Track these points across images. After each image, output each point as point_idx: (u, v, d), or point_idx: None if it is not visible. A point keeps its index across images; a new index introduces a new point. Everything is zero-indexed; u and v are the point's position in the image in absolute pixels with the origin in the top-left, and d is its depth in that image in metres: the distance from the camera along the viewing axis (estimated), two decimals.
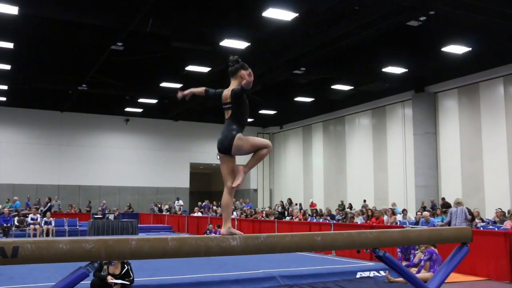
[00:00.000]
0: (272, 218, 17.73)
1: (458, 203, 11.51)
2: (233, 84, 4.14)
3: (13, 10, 12.84)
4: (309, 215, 17.98)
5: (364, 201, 20.86)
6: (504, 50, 16.28)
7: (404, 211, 16.21)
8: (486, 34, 15.10)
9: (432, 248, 8.35)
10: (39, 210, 20.47)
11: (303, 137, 27.76)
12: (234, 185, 4.02)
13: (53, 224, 18.18)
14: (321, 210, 19.44)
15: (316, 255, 11.92)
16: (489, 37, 15.32)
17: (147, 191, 28.09)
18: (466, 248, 4.81)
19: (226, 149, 4.08)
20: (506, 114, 16.98)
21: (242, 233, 3.89)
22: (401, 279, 7.75)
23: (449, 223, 11.26)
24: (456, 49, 15.59)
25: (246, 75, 3.90)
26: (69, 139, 26.44)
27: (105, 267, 6.46)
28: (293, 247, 4.05)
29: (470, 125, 18.26)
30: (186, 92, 4.38)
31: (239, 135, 4.04)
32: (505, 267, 8.81)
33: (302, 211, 19.15)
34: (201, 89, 4.37)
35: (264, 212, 19.92)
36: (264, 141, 4.15)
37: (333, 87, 20.63)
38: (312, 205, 22.26)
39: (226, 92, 4.13)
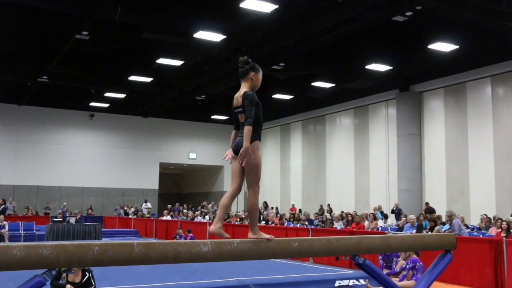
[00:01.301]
0: (246, 223, 17.73)
1: (454, 214, 11.85)
2: (244, 87, 4.20)
3: None
4: (286, 219, 18.04)
5: (328, 205, 21.10)
6: (492, 49, 16.60)
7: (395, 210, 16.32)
8: (474, 32, 15.37)
9: (415, 256, 8.46)
10: None
11: (281, 137, 27.85)
12: None
13: (6, 228, 17.82)
14: (298, 215, 19.53)
15: (292, 262, 11.97)
16: (477, 35, 15.60)
17: (112, 193, 27.80)
18: (449, 255, 4.88)
19: (238, 151, 4.05)
20: (493, 115, 17.31)
21: (229, 236, 3.89)
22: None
23: None
24: (443, 46, 15.82)
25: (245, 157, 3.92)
26: (27, 135, 25.96)
27: (64, 275, 6.36)
28: (268, 254, 4.05)
29: (456, 127, 18.57)
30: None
31: (254, 143, 4.03)
32: (489, 276, 8.98)
33: (278, 215, 19.21)
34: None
35: (238, 216, 19.92)
36: (258, 180, 4.11)
37: (313, 84, 20.73)
38: (293, 209, 22.34)
39: (238, 95, 4.16)
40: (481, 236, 11.43)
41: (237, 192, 4.09)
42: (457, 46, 15.79)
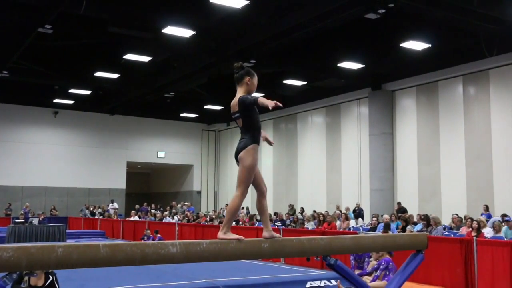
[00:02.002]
0: (216, 223, 17.71)
1: (440, 222, 12.11)
2: (240, 92, 4.32)
3: None
4: (256, 220, 18.08)
5: (290, 205, 21.17)
6: (464, 48, 16.93)
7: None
8: (446, 31, 15.64)
9: (388, 256, 8.58)
10: None
11: None
12: None
13: None
14: (270, 215, 19.61)
15: (263, 263, 11.99)
16: (450, 34, 15.88)
17: (77, 192, 27.41)
18: (421, 255, 4.96)
19: (236, 158, 4.30)
20: (465, 115, 17.66)
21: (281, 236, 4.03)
22: None
23: None
24: (416, 45, 16.05)
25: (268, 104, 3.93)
26: None
27: (26, 278, 6.25)
28: (238, 255, 4.06)
29: (428, 126, 18.88)
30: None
31: (252, 146, 4.18)
32: (460, 275, 9.16)
33: (249, 215, 19.25)
34: None
35: (208, 216, 19.87)
36: (248, 183, 4.28)
37: (285, 82, 20.82)
38: None
39: (234, 102, 4.27)
40: (452, 235, 11.65)
41: (265, 191, 4.39)
42: (429, 45, 16.04)
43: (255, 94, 4.35)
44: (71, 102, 25.64)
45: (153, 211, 23.81)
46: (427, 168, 18.71)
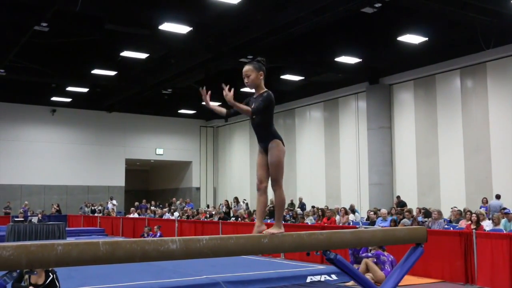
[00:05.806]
0: (216, 219, 17.71)
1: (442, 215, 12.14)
2: None
3: None
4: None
5: (290, 200, 21.23)
6: (461, 41, 16.92)
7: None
8: (443, 24, 15.63)
9: (379, 250, 8.66)
10: None
11: (250, 131, 27.84)
12: None
13: None
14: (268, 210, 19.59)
15: (263, 258, 12.01)
16: (446, 27, 15.87)
17: (76, 190, 27.42)
18: (420, 249, 4.94)
19: None
20: (462, 108, 17.67)
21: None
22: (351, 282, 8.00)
23: None
24: (413, 38, 16.04)
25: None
26: None
27: (26, 276, 6.25)
28: (238, 250, 4.05)
29: (426, 119, 18.89)
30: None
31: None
32: (460, 268, 9.17)
33: (247, 211, 19.26)
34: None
35: (207, 212, 19.87)
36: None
37: (282, 77, 20.80)
38: None
39: None
40: (451, 228, 11.67)
41: None
42: (426, 38, 16.03)
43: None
44: (68, 100, 25.61)
45: (152, 208, 23.82)
46: (426, 162, 18.72)
